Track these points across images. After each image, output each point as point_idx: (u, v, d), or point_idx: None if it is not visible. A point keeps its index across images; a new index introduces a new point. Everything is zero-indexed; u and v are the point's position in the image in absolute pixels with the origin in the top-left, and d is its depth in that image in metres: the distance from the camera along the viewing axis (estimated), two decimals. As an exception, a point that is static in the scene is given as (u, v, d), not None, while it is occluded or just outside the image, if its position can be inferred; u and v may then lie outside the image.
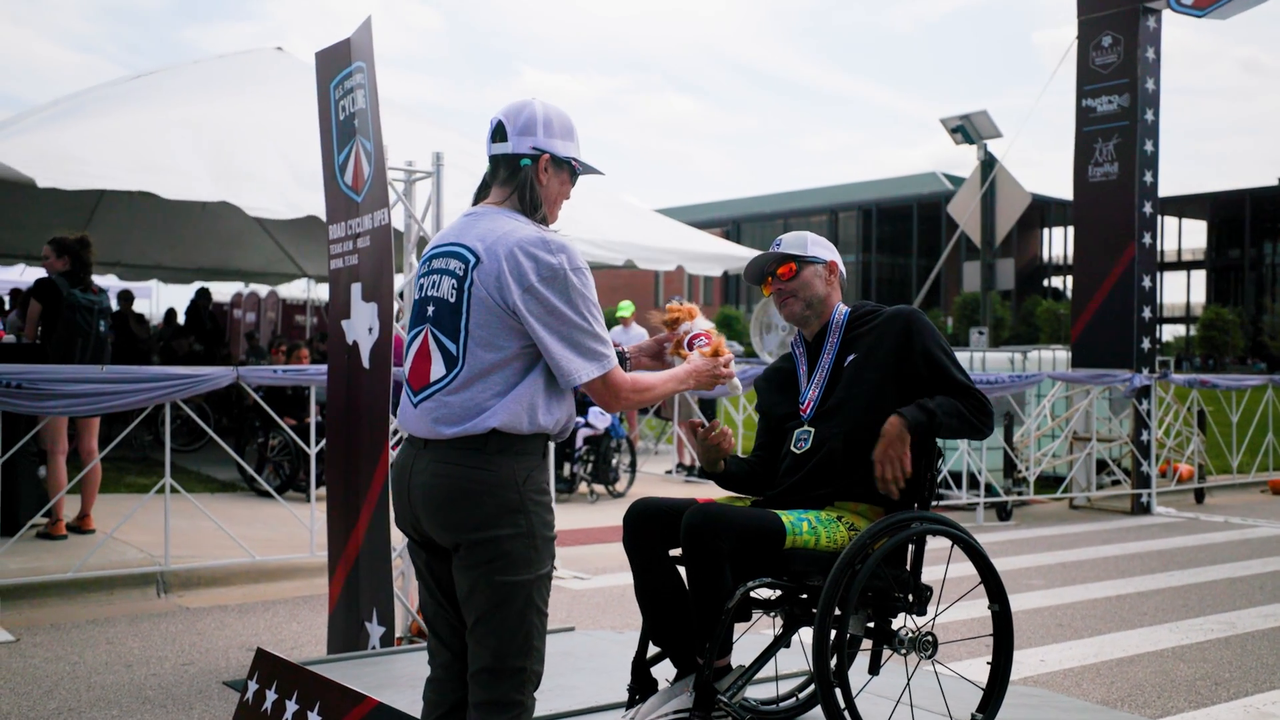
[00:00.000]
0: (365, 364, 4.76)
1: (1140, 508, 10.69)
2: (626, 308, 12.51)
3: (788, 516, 3.01)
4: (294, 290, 22.19)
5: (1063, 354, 11.82)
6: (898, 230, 61.49)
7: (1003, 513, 10.01)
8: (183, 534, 7.14)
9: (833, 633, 2.88)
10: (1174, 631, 5.98)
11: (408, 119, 13.36)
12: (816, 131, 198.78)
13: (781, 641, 3.10)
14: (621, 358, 3.02)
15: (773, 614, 3.14)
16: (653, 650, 3.14)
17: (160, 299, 39.21)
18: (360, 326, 4.79)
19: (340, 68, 5.01)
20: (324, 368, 6.33)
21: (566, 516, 8.69)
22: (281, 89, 12.25)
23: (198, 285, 17.24)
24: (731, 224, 64.87)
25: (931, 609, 3.27)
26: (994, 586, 3.26)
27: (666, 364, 3.02)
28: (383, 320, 4.67)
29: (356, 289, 4.86)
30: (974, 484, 10.00)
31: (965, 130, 12.87)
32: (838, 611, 2.92)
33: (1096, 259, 10.74)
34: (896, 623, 3.20)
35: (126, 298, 14.25)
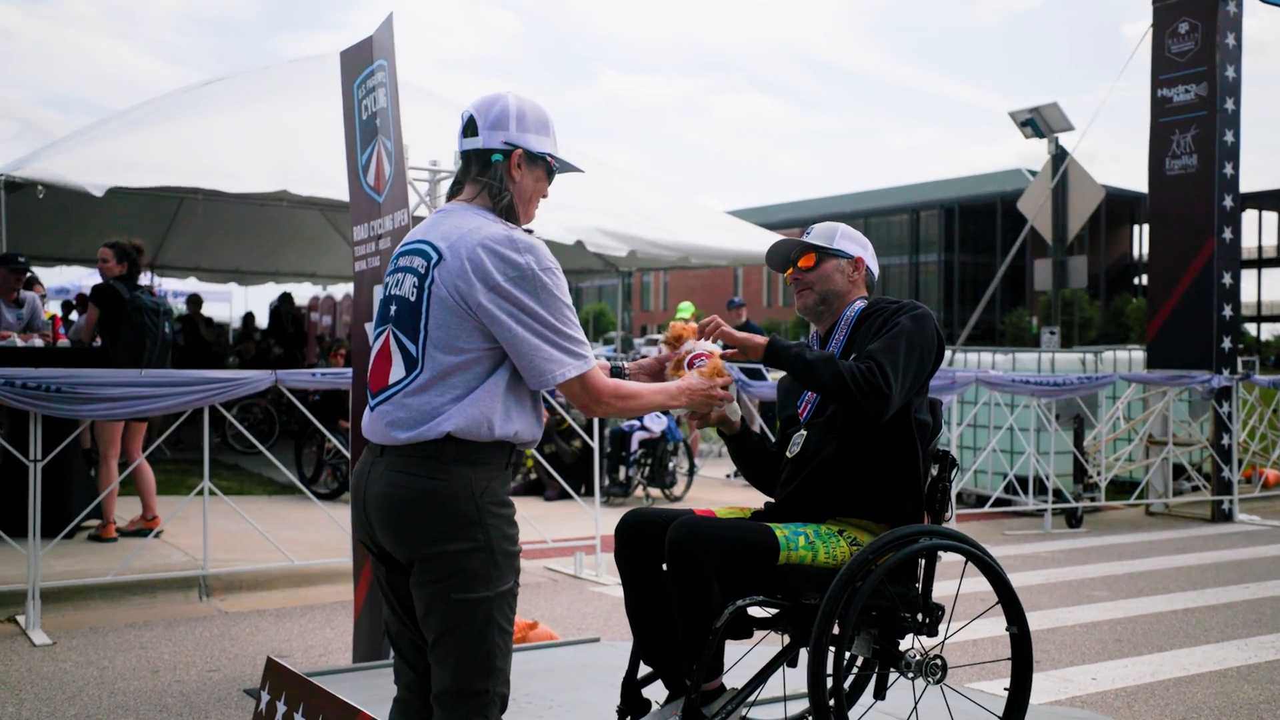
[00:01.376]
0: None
1: (1221, 515, 10.23)
2: (686, 309, 12.34)
3: (782, 530, 2.84)
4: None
5: (1138, 354, 11.38)
6: (981, 229, 60.27)
7: (1072, 519, 9.64)
8: (233, 537, 7.17)
9: (831, 655, 2.70)
10: (1242, 649, 5.65)
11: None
12: (898, 129, 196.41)
13: (780, 661, 2.93)
14: (619, 372, 2.91)
15: (780, 631, 2.97)
16: (645, 670, 2.99)
17: (243, 302, 40.00)
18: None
19: (363, 66, 4.95)
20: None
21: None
22: (337, 90, 12.32)
23: (273, 288, 17.50)
24: (811, 224, 64.19)
25: (949, 628, 3.06)
26: (1011, 606, 3.05)
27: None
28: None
29: (379, 291, 4.79)
30: (1041, 489, 9.65)
31: (1035, 124, 12.45)
32: (836, 631, 2.74)
33: (1173, 256, 10.31)
34: (905, 644, 3.00)
35: (195, 301, 14.48)
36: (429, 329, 2.41)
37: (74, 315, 14.06)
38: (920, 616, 2.97)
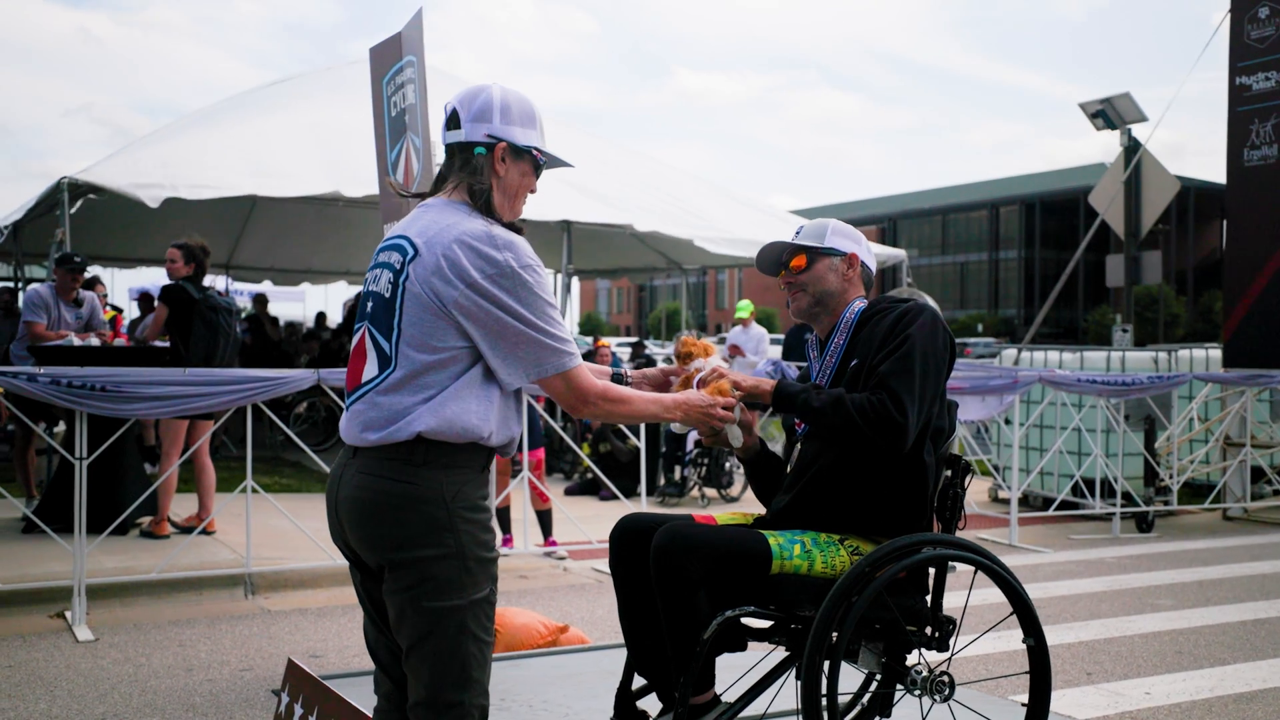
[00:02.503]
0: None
1: (1302, 520, 9.80)
2: (745, 307, 12.20)
3: (777, 538, 2.71)
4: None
5: (1215, 353, 10.96)
6: (1063, 224, 58.98)
7: (1143, 524, 9.30)
8: (283, 535, 7.19)
9: (826, 671, 2.57)
10: (1312, 663, 5.36)
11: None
12: (977, 124, 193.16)
13: (776, 676, 2.79)
14: (621, 379, 2.80)
15: (774, 643, 2.83)
16: (640, 681, 2.87)
17: (321, 301, 40.67)
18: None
19: (392, 63, 4.91)
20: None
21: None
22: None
23: (345, 287, 17.69)
24: (888, 221, 63.43)
25: (956, 642, 2.90)
26: (1027, 618, 2.88)
27: None
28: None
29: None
30: (1110, 492, 9.33)
31: (1106, 115, 12.05)
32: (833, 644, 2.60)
33: (1252, 250, 9.91)
34: (912, 658, 2.85)
35: (261, 301, 14.68)
36: (402, 326, 2.34)
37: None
38: (929, 630, 2.81)
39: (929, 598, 2.85)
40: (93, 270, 17.26)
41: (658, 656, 2.77)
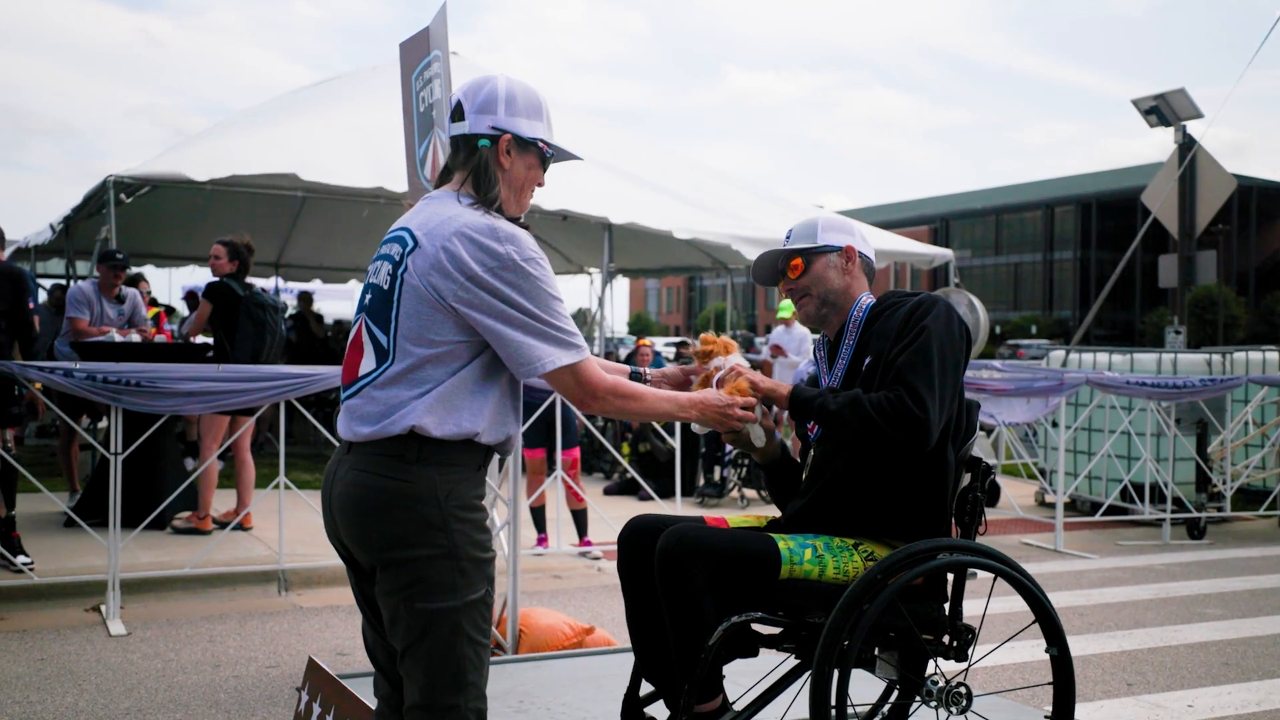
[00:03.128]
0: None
1: (1362, 528, 9.51)
2: (787, 307, 12.05)
3: (787, 542, 2.62)
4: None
5: (1273, 355, 10.66)
6: (1120, 225, 57.99)
7: (1194, 530, 9.07)
8: (318, 531, 7.19)
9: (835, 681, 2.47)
10: (1365, 677, 5.17)
11: (578, 119, 13.35)
12: (1033, 123, 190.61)
13: (787, 684, 2.71)
14: (639, 378, 2.74)
15: (781, 649, 2.75)
16: (648, 687, 2.80)
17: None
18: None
19: (420, 58, 4.88)
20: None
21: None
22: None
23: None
24: (940, 221, 62.76)
25: (974, 651, 2.79)
26: (1050, 627, 2.76)
27: None
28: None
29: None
30: (1161, 497, 9.11)
31: (1160, 111, 11.76)
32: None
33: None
34: (930, 668, 2.75)
35: (306, 299, 14.79)
36: (400, 319, 2.29)
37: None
38: (947, 639, 2.71)
39: (948, 605, 2.75)
40: (145, 269, 17.56)
41: (665, 662, 2.70)
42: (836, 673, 2.45)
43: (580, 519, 7.51)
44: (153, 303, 14.55)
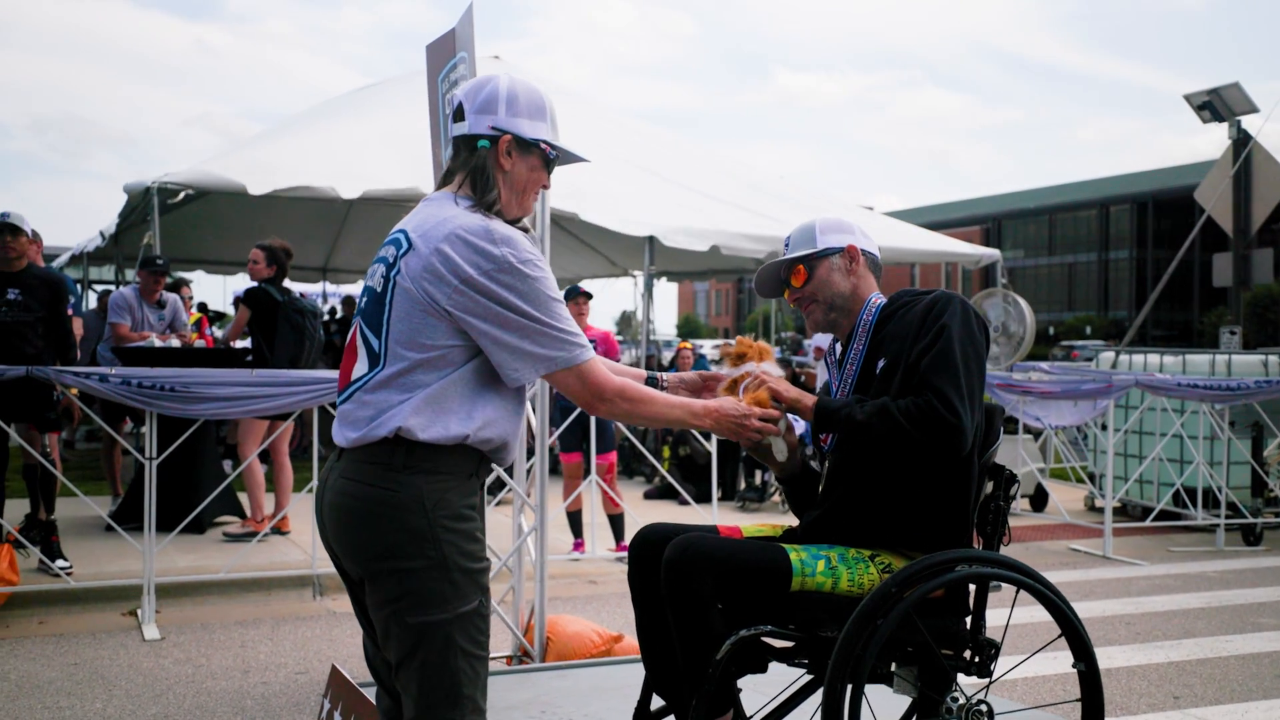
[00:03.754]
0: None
1: None
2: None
3: (799, 553, 2.53)
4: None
5: (1334, 356, 10.35)
6: (1177, 223, 56.97)
7: (1250, 536, 8.82)
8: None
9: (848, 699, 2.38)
10: None
11: (623, 122, 13.31)
12: (1088, 121, 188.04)
13: (799, 700, 2.61)
14: (655, 383, 2.67)
15: (792, 664, 2.65)
16: (659, 702, 2.72)
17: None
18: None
19: (446, 60, 4.84)
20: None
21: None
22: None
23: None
24: (992, 221, 62.01)
25: (995, 666, 2.68)
26: (1076, 640, 2.64)
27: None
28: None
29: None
30: (1214, 502, 8.87)
31: (1213, 106, 11.46)
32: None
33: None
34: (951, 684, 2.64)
35: (350, 303, 14.87)
36: (391, 323, 2.23)
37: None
38: (968, 654, 2.60)
39: (969, 618, 2.64)
40: (196, 274, 17.77)
41: (676, 676, 2.62)
42: (850, 690, 2.36)
43: (617, 524, 7.44)
44: (202, 308, 14.73)
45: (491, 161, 2.33)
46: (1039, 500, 9.78)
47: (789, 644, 2.63)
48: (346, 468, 2.25)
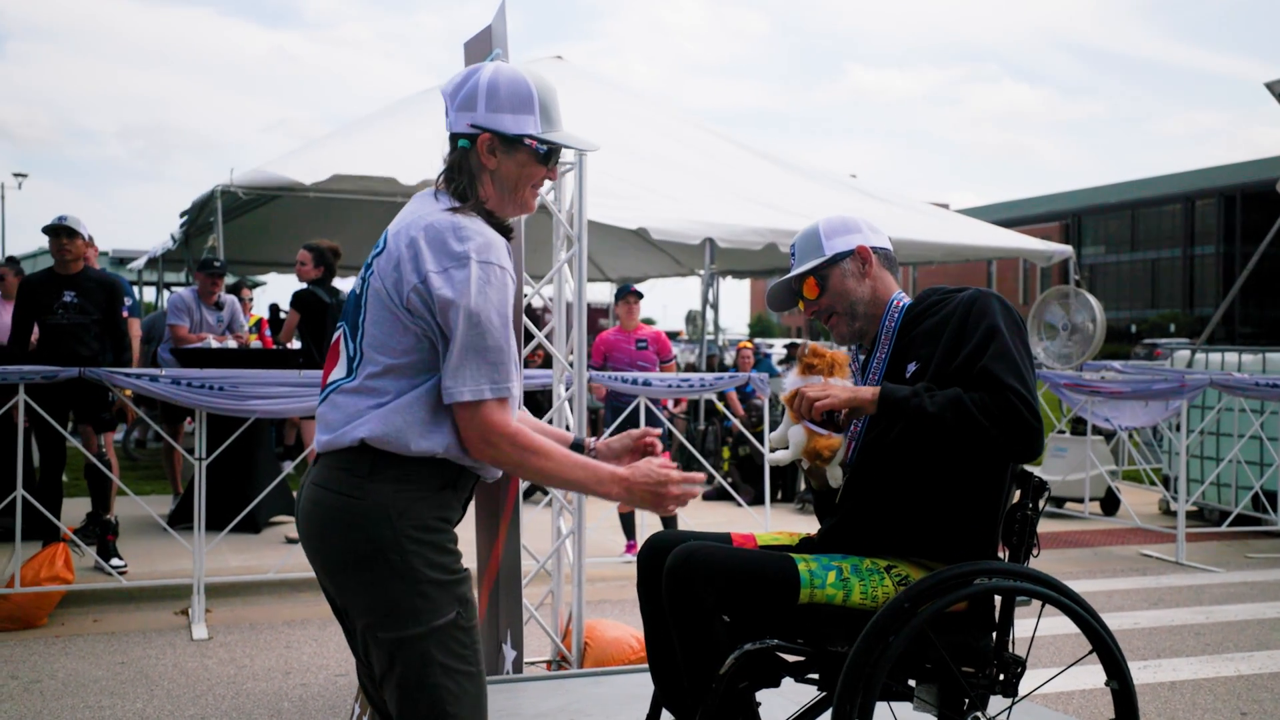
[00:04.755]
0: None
1: None
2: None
3: (809, 564, 2.41)
4: (597, 293, 22.68)
5: None
6: (1267, 217, 55.30)
7: (1334, 543, 8.45)
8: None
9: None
10: None
11: (684, 124, 13.21)
12: (1172, 114, 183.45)
13: (815, 715, 2.49)
14: (579, 446, 2.43)
15: (799, 680, 2.53)
16: (668, 716, 2.62)
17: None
18: (498, 330, 4.53)
19: (483, 56, 4.78)
20: (538, 372, 6.19)
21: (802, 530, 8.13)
22: (559, 94, 12.44)
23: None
24: (1071, 217, 60.70)
25: (1038, 681, 2.53)
26: (1108, 657, 2.48)
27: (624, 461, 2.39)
28: (516, 322, 4.40)
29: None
30: (1296, 507, 8.51)
31: (1295, 94, 11.04)
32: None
33: None
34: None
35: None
36: (366, 325, 2.15)
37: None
38: (992, 671, 2.45)
39: (994, 634, 2.49)
40: (268, 276, 18.03)
41: (683, 690, 2.52)
42: (860, 709, 2.23)
43: (669, 527, 7.34)
44: (274, 309, 14.92)
45: (474, 160, 2.21)
46: (1110, 504, 9.48)
47: (800, 658, 2.51)
48: (318, 473, 2.17)
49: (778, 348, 27.69)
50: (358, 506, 2.09)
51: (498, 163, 2.22)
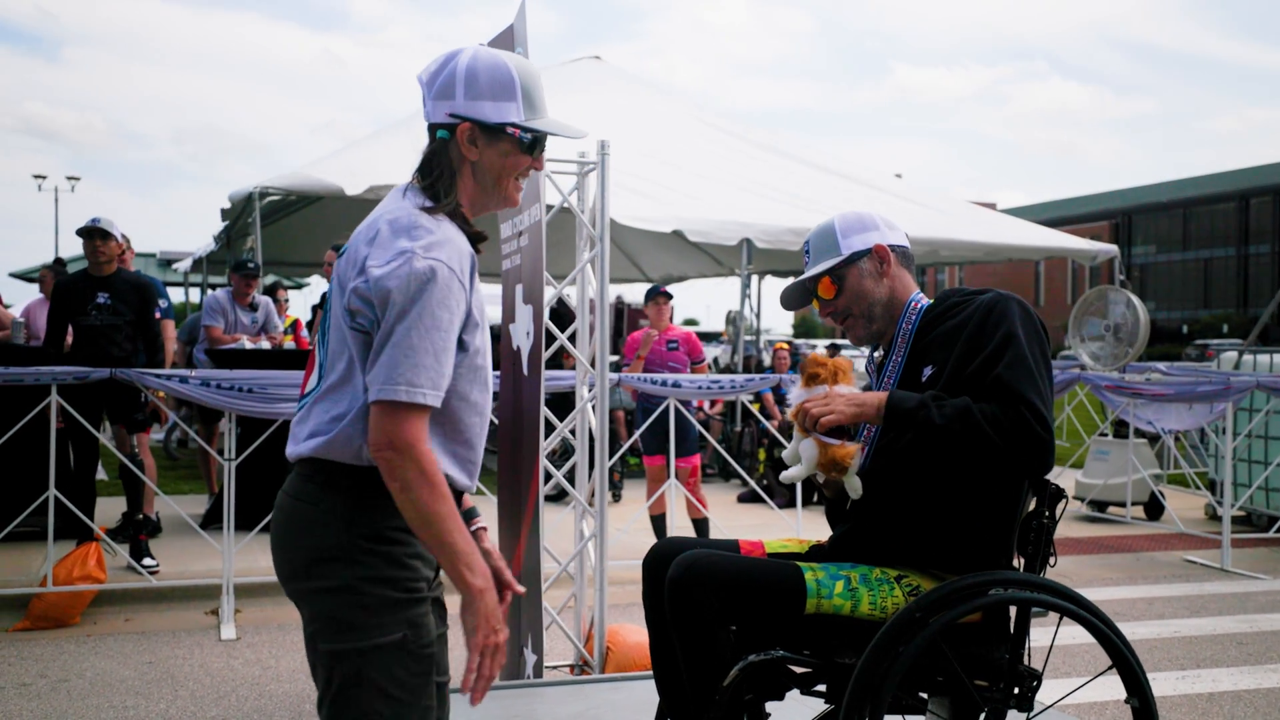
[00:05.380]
0: (525, 370, 4.47)
1: None
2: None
3: (816, 573, 2.34)
4: (638, 294, 22.62)
5: None
6: (1326, 215, 54.17)
7: (1387, 549, 8.21)
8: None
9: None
10: None
11: (721, 123, 13.13)
12: (1226, 111, 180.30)
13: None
14: (471, 515, 2.23)
15: (816, 692, 2.46)
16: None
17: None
18: (520, 331, 4.51)
19: (505, 57, 4.76)
20: (566, 373, 6.17)
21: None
22: (594, 95, 12.42)
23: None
24: (1122, 216, 59.83)
25: (1060, 692, 2.44)
26: (1128, 673, 2.38)
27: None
28: (536, 323, 4.36)
29: (519, 291, 4.59)
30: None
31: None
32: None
33: None
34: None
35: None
36: (330, 332, 2.05)
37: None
38: (1006, 685, 2.36)
39: (1008, 646, 2.40)
40: (311, 279, 18.16)
41: (686, 702, 2.45)
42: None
43: (701, 529, 7.28)
44: (315, 312, 15.03)
45: (453, 152, 2.06)
46: (1154, 508, 9.28)
47: (807, 670, 2.44)
48: (288, 482, 2.08)
49: (820, 348, 27.51)
50: (312, 513, 2.00)
51: (479, 153, 2.07)
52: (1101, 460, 9.33)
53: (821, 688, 2.44)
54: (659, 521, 7.33)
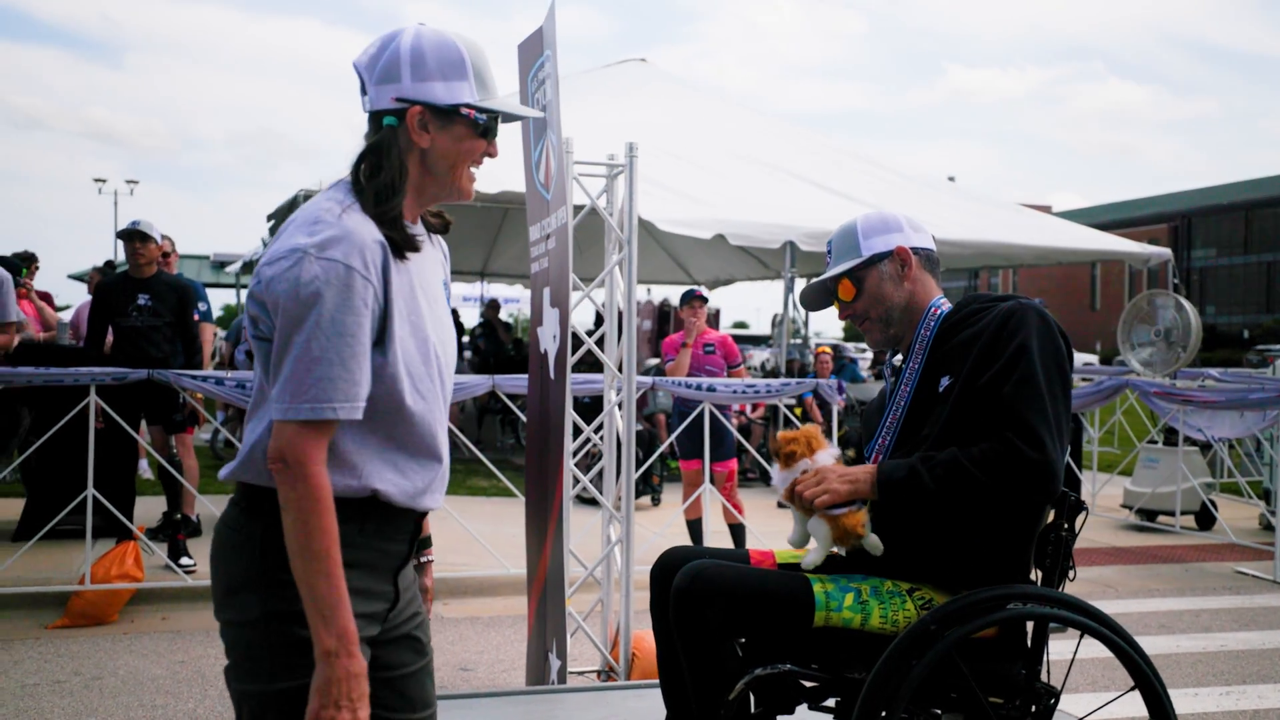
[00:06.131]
0: (551, 374, 4.44)
1: None
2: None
3: (825, 585, 2.28)
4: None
5: None
6: (1393, 217, 52.82)
7: None
8: (469, 540, 7.17)
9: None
10: None
11: (769, 122, 13.05)
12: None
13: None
14: (423, 545, 2.16)
15: (824, 706, 2.40)
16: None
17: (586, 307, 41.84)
18: (547, 334, 4.48)
19: (535, 58, 4.73)
20: (590, 376, 6.15)
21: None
22: (640, 97, 12.40)
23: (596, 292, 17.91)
24: (1180, 219, 58.75)
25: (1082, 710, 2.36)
26: (1150, 695, 2.29)
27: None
28: (563, 326, 4.33)
29: (547, 294, 4.57)
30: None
31: None
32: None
33: None
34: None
35: (493, 306, 15.04)
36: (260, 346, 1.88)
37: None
38: (1023, 702, 2.28)
39: (1023, 661, 2.32)
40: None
41: (693, 714, 2.40)
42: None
43: (737, 534, 7.22)
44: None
45: (402, 140, 1.88)
46: (1205, 518, 9.06)
47: (815, 684, 2.38)
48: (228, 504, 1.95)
49: (870, 353, 27.25)
50: (234, 539, 1.84)
51: (431, 140, 1.88)
52: (1151, 468, 9.14)
53: (831, 702, 2.38)
54: (695, 525, 7.27)
